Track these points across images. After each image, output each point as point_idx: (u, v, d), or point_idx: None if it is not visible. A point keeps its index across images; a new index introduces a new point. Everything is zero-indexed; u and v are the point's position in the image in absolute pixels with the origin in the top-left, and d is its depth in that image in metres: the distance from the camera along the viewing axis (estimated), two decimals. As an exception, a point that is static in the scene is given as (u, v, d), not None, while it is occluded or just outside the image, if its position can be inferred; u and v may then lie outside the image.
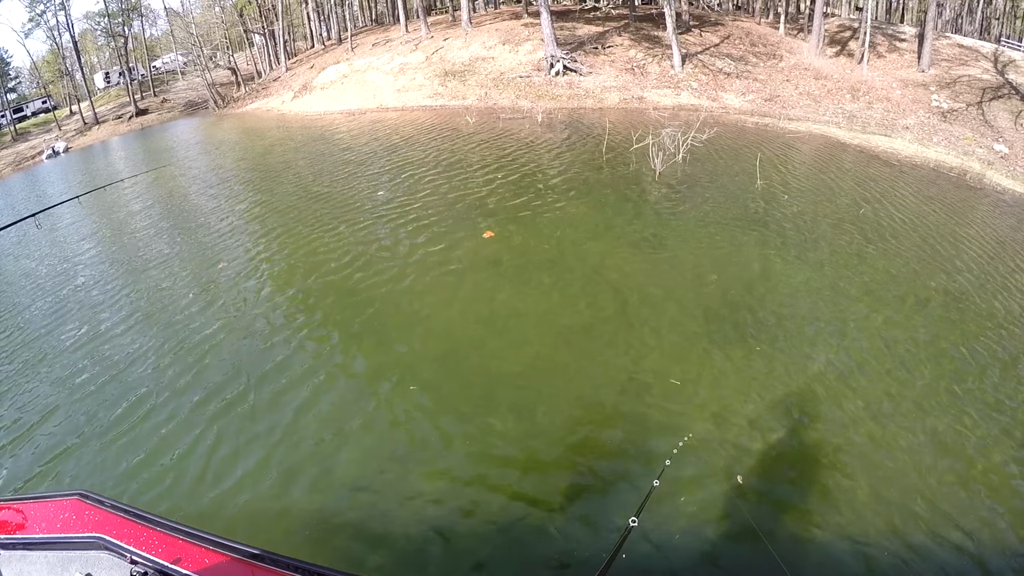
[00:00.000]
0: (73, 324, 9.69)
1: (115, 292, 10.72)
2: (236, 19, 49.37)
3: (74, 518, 2.30)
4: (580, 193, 13.43)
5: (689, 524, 5.04)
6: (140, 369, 7.97)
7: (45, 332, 9.62)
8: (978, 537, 4.95)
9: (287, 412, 6.68)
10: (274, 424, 6.51)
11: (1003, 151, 18.99)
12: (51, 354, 8.84)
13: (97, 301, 10.45)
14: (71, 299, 10.75)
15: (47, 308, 10.58)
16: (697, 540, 4.91)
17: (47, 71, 57.20)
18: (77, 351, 8.76)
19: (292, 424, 6.50)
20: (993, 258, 10.62)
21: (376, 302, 8.95)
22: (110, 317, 9.71)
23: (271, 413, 6.70)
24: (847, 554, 4.80)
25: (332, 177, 16.86)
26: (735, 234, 10.86)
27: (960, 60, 27.09)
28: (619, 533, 2.99)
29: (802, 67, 26.95)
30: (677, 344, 7.54)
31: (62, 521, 2.30)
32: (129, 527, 2.21)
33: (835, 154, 18.17)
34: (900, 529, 4.99)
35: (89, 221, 16.21)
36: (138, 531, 2.18)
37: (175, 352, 8.26)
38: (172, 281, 10.80)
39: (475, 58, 30.57)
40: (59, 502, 2.41)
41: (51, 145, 37.56)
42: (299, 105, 33.72)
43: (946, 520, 5.08)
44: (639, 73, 27.17)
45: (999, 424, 6.24)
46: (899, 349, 7.44)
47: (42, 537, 2.27)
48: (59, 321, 9.91)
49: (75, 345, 8.95)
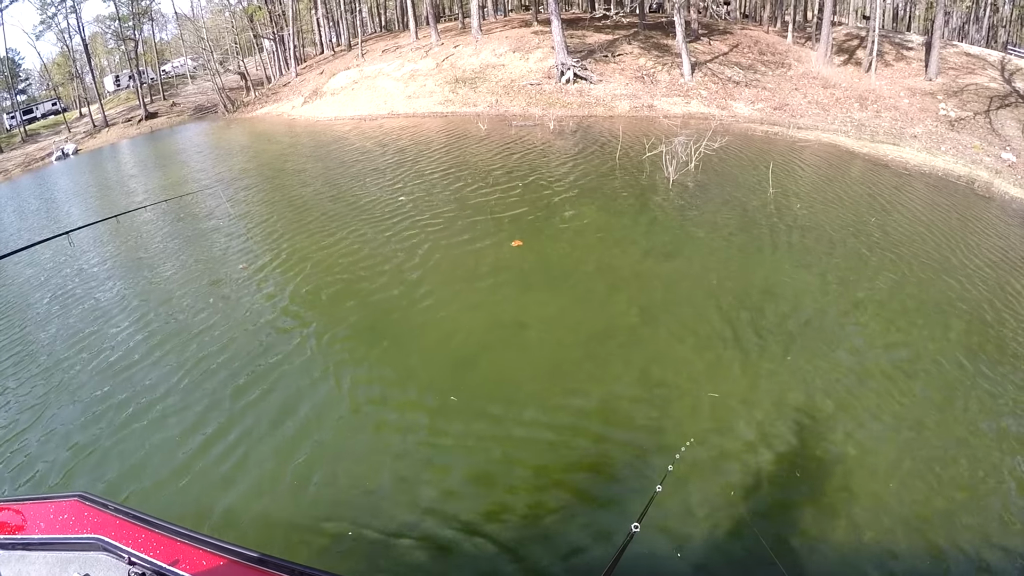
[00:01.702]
0: (82, 324, 9.86)
1: (128, 295, 10.88)
2: (246, 24, 49.62)
3: (73, 519, 2.31)
4: (595, 201, 13.62)
5: (691, 530, 5.08)
6: (150, 371, 8.06)
7: (52, 332, 9.78)
8: (982, 545, 5.01)
9: (295, 417, 6.75)
10: (282, 428, 6.58)
11: (1011, 159, 19.13)
12: (56, 355, 8.96)
13: (107, 302, 10.62)
14: (83, 300, 10.92)
15: (57, 310, 10.74)
16: (699, 546, 4.94)
17: (57, 73, 57.56)
18: (83, 352, 8.90)
19: (300, 429, 6.56)
20: (1002, 268, 10.76)
21: (394, 310, 9.07)
22: (121, 319, 9.86)
23: (279, 418, 6.76)
24: (850, 562, 4.85)
25: (351, 183, 17.07)
26: (748, 242, 11.03)
27: (967, 68, 27.24)
28: (621, 539, 3.06)
29: (810, 76, 27.14)
30: (685, 351, 7.65)
31: (61, 522, 2.31)
32: (128, 529, 2.21)
33: (845, 163, 18.34)
34: (904, 537, 5.03)
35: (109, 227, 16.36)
36: (137, 533, 2.19)
37: (186, 352, 8.39)
38: (190, 282, 10.95)
39: (485, 65, 30.83)
40: (59, 503, 2.41)
41: (60, 147, 37.84)
42: (310, 111, 33.97)
43: (952, 529, 5.13)
44: (649, 81, 27.39)
45: (1009, 435, 6.31)
46: (906, 359, 7.53)
47: (41, 538, 2.28)
48: (67, 320, 10.09)
49: (82, 346, 9.09)
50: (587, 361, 7.49)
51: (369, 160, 20.01)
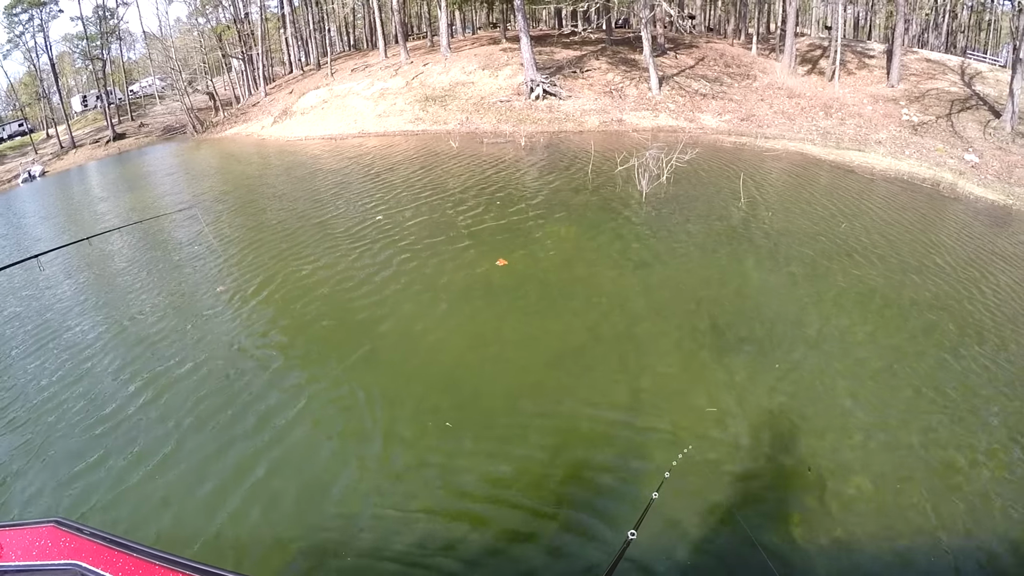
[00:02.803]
0: (55, 346, 9.61)
1: (105, 316, 10.54)
2: (215, 43, 49.26)
3: (50, 545, 2.21)
4: (570, 215, 13.62)
5: (688, 537, 5.10)
6: (126, 394, 7.85)
7: (24, 355, 9.51)
8: (972, 547, 5.06)
9: (278, 437, 6.66)
10: (263, 449, 6.48)
11: (973, 160, 19.58)
12: (30, 377, 8.73)
13: (82, 326, 10.30)
14: (53, 324, 10.59)
15: (31, 331, 10.43)
16: (696, 553, 4.97)
17: (24, 93, 56.60)
18: (58, 372, 8.69)
19: (283, 448, 6.49)
20: (968, 265, 11.06)
21: (370, 328, 8.96)
22: (97, 341, 9.62)
23: (261, 439, 6.65)
24: (847, 568, 4.86)
25: (325, 203, 16.76)
26: (723, 252, 11.14)
27: (928, 74, 27.94)
28: (618, 546, 3.03)
29: (775, 86, 27.61)
30: (674, 360, 7.72)
31: (38, 548, 2.21)
32: (106, 554, 2.12)
33: (812, 170, 18.63)
34: (902, 543, 5.08)
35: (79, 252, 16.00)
36: (115, 558, 2.09)
37: (163, 375, 8.20)
38: (167, 305, 10.69)
39: (455, 83, 30.88)
40: (34, 529, 2.32)
41: (27, 169, 36.90)
42: (279, 130, 33.68)
43: (950, 528, 5.19)
44: (617, 96, 27.63)
45: (988, 426, 6.47)
46: (889, 358, 7.73)
47: (17, 565, 2.18)
48: (42, 343, 9.81)
49: (57, 367, 8.88)
50: (576, 373, 7.48)
51: (342, 179, 19.77)
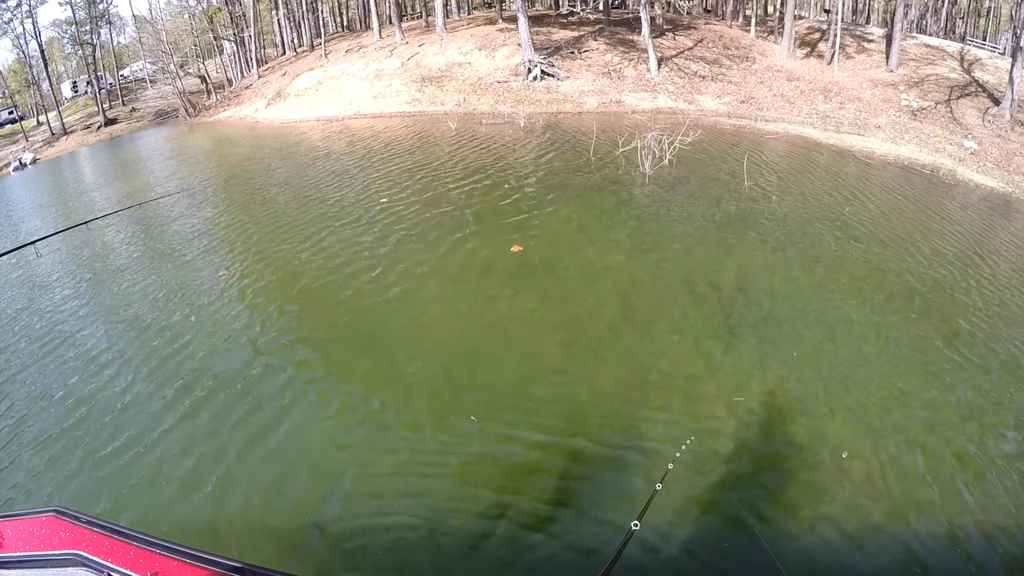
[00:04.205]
0: (54, 335, 9.44)
1: (100, 305, 10.39)
2: (206, 26, 48.47)
3: (50, 534, 2.25)
4: (573, 198, 13.44)
5: (691, 528, 5.06)
6: (127, 381, 7.74)
7: (26, 344, 9.36)
8: (976, 533, 5.05)
9: (279, 425, 6.56)
10: (264, 438, 6.40)
11: (972, 147, 19.51)
12: (29, 365, 8.61)
13: (80, 313, 10.17)
14: (53, 313, 10.40)
15: (28, 321, 10.24)
16: (699, 544, 4.93)
17: (13, 80, 55.60)
18: (56, 360, 8.57)
19: (284, 432, 6.43)
20: (970, 251, 11.02)
21: (371, 312, 8.85)
22: (97, 328, 9.47)
23: (262, 427, 6.56)
24: (851, 561, 4.83)
25: (324, 185, 16.50)
26: (727, 234, 11.02)
27: (927, 59, 27.78)
28: (621, 536, 3.01)
29: (774, 69, 27.40)
30: (678, 347, 7.59)
31: (38, 538, 2.25)
32: (106, 543, 2.16)
33: (813, 154, 18.52)
34: (909, 534, 5.03)
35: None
36: (115, 547, 2.13)
37: (164, 364, 8.06)
38: (168, 292, 10.50)
39: (452, 64, 30.51)
40: (34, 519, 2.35)
41: (18, 157, 36.39)
42: (274, 113, 33.29)
43: (956, 520, 5.15)
44: (616, 77, 27.37)
45: (994, 414, 6.42)
46: (894, 343, 7.66)
47: (17, 555, 2.21)
48: (41, 333, 9.62)
49: (55, 354, 8.76)
50: (581, 361, 7.37)
51: (339, 162, 19.47)
